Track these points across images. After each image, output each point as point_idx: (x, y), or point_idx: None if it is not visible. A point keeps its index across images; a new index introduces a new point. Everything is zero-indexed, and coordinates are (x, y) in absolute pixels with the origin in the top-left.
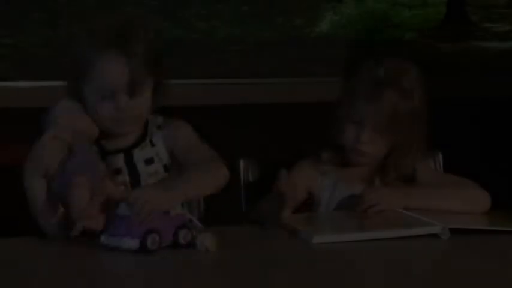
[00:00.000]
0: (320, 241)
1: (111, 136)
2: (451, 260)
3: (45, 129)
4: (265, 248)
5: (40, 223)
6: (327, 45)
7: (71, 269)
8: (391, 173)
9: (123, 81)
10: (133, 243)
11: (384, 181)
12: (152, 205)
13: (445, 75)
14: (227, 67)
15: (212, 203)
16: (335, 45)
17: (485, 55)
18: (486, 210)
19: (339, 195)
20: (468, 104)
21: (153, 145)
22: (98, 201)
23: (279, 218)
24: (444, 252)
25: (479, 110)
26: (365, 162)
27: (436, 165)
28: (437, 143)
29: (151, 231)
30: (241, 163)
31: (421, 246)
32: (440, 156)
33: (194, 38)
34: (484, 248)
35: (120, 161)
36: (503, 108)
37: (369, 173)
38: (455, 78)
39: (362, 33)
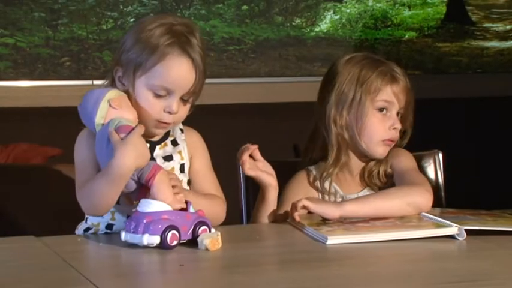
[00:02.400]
0: (334, 242)
1: None
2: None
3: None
4: (267, 248)
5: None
6: (327, 45)
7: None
8: (375, 176)
9: (187, 86)
10: (153, 239)
11: (367, 171)
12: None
13: (445, 75)
14: (227, 67)
15: None
16: (335, 45)
17: (485, 55)
18: (427, 209)
19: None
20: (468, 104)
21: (175, 144)
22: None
23: None
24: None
25: (479, 110)
26: (387, 152)
27: (435, 165)
28: (437, 143)
29: (170, 227)
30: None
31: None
32: (440, 156)
33: None
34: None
35: None
36: (503, 108)
37: (360, 178)
38: (455, 78)
39: (362, 33)
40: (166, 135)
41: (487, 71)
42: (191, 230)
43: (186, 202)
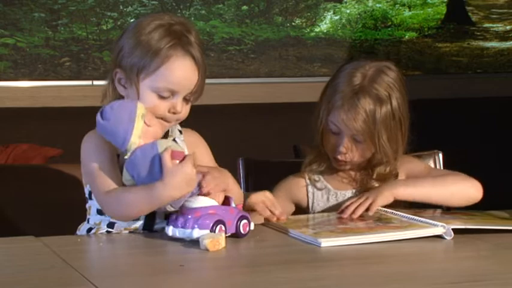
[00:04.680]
0: (328, 245)
1: None
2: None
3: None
4: (266, 248)
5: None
6: (327, 45)
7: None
8: (374, 173)
9: (190, 86)
10: (203, 233)
11: (369, 181)
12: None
13: (445, 75)
14: (227, 67)
15: None
16: (335, 45)
17: (485, 55)
18: (477, 200)
19: (333, 202)
20: (468, 104)
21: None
22: None
23: None
24: (447, 252)
25: (480, 110)
26: (346, 168)
27: (436, 165)
28: (437, 143)
29: (218, 222)
30: (241, 162)
31: (424, 247)
32: (440, 156)
33: None
34: (487, 247)
35: None
36: (503, 108)
37: (356, 174)
38: (455, 78)
39: (362, 33)
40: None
41: (487, 71)
42: (235, 223)
43: (229, 198)
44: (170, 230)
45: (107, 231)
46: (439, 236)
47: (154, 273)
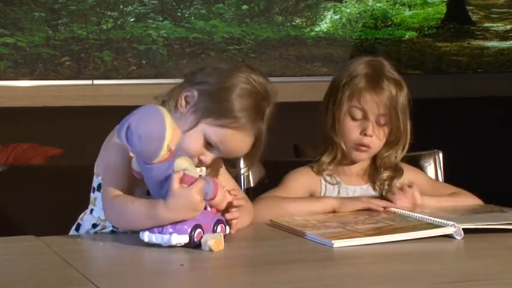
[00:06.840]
0: (340, 245)
1: None
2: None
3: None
4: (267, 248)
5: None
6: (327, 45)
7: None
8: (382, 167)
9: (235, 156)
10: (182, 238)
11: (377, 176)
12: None
13: (445, 75)
14: None
15: None
16: (335, 44)
17: (485, 55)
18: None
19: (343, 196)
20: (468, 104)
21: None
22: None
23: None
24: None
25: (479, 110)
26: (365, 157)
27: (436, 165)
28: (437, 143)
29: (196, 226)
30: (241, 162)
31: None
32: (440, 156)
33: (194, 37)
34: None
35: None
36: (503, 108)
37: (365, 170)
38: (455, 78)
39: (362, 33)
40: None
41: (487, 71)
42: (211, 227)
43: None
44: (146, 236)
45: (112, 229)
46: (448, 236)
47: (155, 273)
